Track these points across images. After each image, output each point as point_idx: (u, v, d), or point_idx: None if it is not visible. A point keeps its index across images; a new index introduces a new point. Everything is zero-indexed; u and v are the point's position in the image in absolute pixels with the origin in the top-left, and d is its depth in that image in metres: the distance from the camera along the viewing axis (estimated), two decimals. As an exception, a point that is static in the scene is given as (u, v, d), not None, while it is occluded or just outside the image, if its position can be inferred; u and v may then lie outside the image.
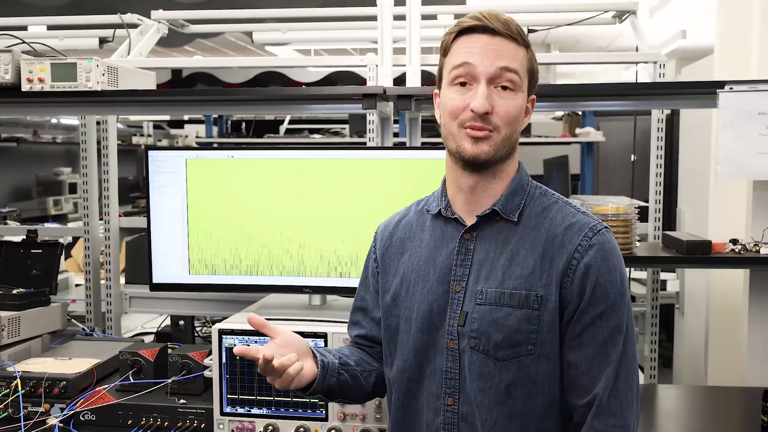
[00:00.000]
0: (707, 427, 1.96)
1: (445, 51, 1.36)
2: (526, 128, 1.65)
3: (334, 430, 1.85)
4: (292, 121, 7.68)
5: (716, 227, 3.15)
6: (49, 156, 8.35)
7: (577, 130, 5.89)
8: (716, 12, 3.24)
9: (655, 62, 2.58)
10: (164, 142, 9.13)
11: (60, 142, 8.38)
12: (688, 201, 3.89)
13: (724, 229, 2.90)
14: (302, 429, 1.86)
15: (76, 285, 3.51)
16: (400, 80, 2.42)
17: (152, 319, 3.03)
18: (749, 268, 2.24)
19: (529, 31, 2.87)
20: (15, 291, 2.22)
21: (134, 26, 3.01)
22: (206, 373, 2.00)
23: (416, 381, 1.39)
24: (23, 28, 3.19)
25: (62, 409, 1.93)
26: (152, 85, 2.50)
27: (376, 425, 1.83)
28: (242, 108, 3.34)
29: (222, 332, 1.89)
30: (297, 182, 2.03)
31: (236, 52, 7.54)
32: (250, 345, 1.86)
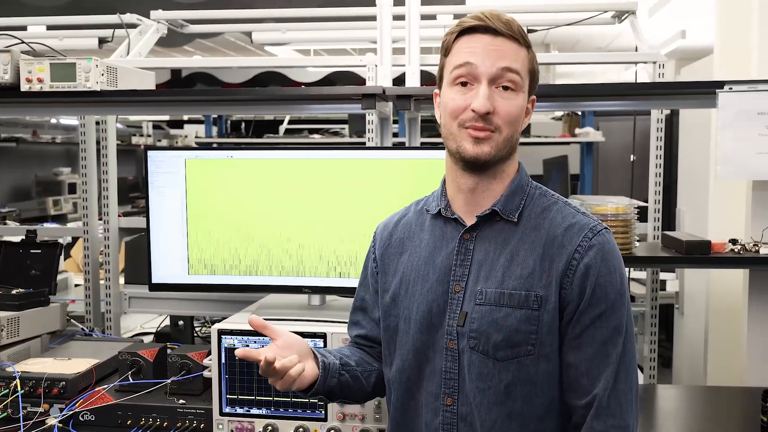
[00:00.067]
0: (707, 427, 1.95)
1: (446, 51, 1.35)
2: (526, 128, 1.65)
3: (333, 430, 1.85)
4: (291, 121, 7.67)
5: (716, 227, 3.15)
6: (48, 156, 8.35)
7: (577, 130, 5.88)
8: (716, 12, 3.24)
9: (654, 62, 2.59)
10: (164, 142, 9.12)
11: (59, 142, 8.38)
12: (687, 201, 3.89)
13: (724, 229, 2.90)
14: (301, 429, 1.86)
15: (76, 285, 3.51)
16: (399, 80, 2.42)
17: (151, 319, 3.03)
18: (749, 268, 2.24)
19: (529, 31, 2.87)
20: (14, 291, 2.22)
21: (133, 26, 3.01)
22: (205, 374, 2.00)
23: (415, 381, 1.39)
24: (22, 28, 3.19)
25: (61, 410, 1.93)
26: (151, 85, 2.49)
27: (375, 425, 1.83)
28: (242, 108, 3.34)
29: (221, 332, 1.89)
30: (296, 182, 2.02)
31: (236, 52, 7.54)
32: (250, 345, 1.87)
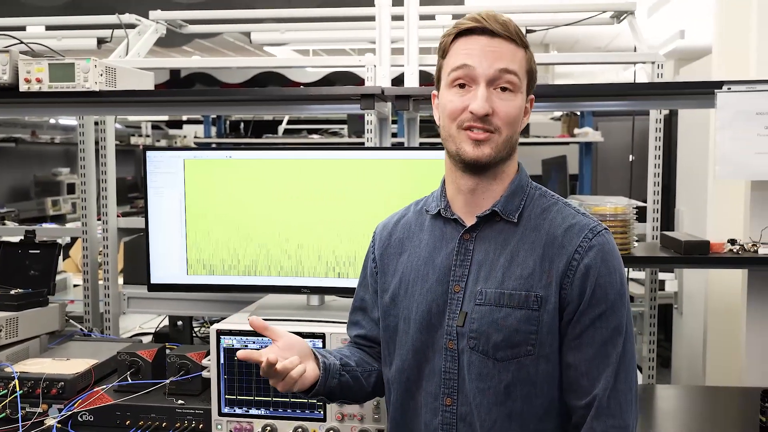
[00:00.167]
0: (705, 427, 1.96)
1: (444, 52, 1.35)
2: (525, 128, 1.65)
3: (332, 431, 1.85)
4: (290, 121, 7.67)
5: (714, 227, 3.15)
6: (47, 156, 8.35)
7: (576, 131, 5.88)
8: (714, 12, 3.25)
9: (653, 62, 2.59)
10: (162, 143, 9.13)
11: (58, 143, 8.37)
12: (686, 201, 3.89)
13: (723, 229, 2.90)
14: (300, 429, 1.86)
15: (75, 285, 3.51)
16: (398, 80, 2.42)
17: (150, 319, 3.03)
18: (747, 268, 2.24)
19: (528, 31, 2.87)
20: (13, 291, 2.21)
21: (132, 26, 3.00)
22: (204, 374, 2.00)
23: (415, 381, 1.39)
24: (21, 29, 3.19)
25: (60, 410, 1.92)
26: (150, 86, 2.49)
27: (374, 425, 1.83)
28: (241, 108, 3.33)
29: (220, 333, 1.89)
30: (295, 182, 2.02)
31: (235, 53, 7.53)
32: (249, 346, 1.87)
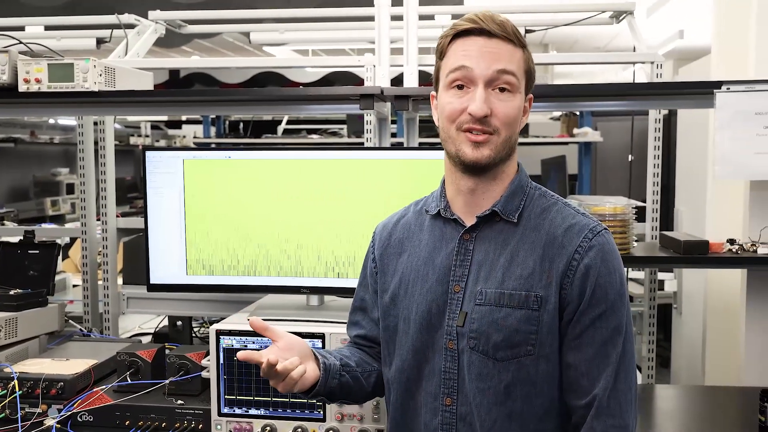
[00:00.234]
0: (705, 427, 1.96)
1: (441, 54, 1.35)
2: (524, 128, 1.65)
3: (331, 431, 1.85)
4: (289, 121, 7.67)
5: (713, 227, 3.15)
6: (46, 156, 8.35)
7: (575, 131, 5.88)
8: (713, 12, 3.25)
9: (652, 62, 2.59)
10: (162, 143, 9.13)
11: (57, 143, 8.37)
12: (685, 201, 3.89)
13: (722, 229, 2.90)
14: (300, 429, 1.86)
15: (74, 286, 3.50)
16: (397, 80, 2.42)
17: (150, 319, 3.03)
18: (746, 267, 2.24)
19: (527, 31, 2.87)
20: (12, 292, 2.21)
21: (131, 27, 3.00)
22: (204, 374, 2.00)
23: (415, 381, 1.39)
24: (20, 29, 3.18)
25: (60, 410, 1.93)
26: (150, 86, 2.49)
27: (374, 425, 1.83)
28: (240, 108, 3.33)
29: (220, 333, 1.89)
30: (295, 183, 2.02)
31: (234, 53, 7.53)
32: (248, 346, 1.87)
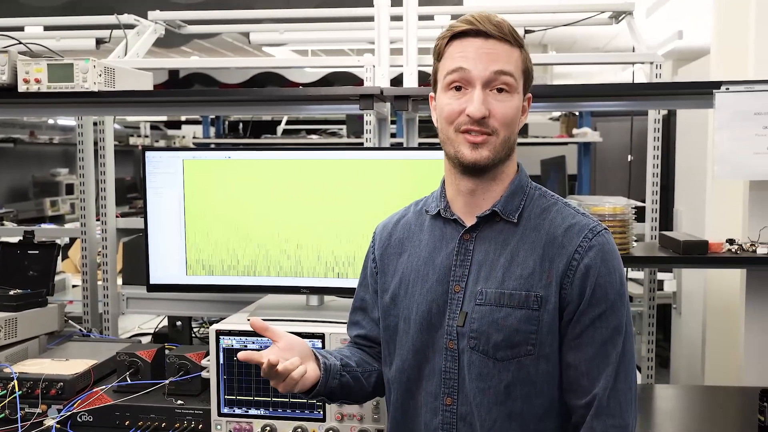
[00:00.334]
0: (704, 427, 1.96)
1: (439, 55, 1.35)
2: (523, 129, 1.65)
3: (331, 431, 1.85)
4: (289, 121, 7.67)
5: (713, 227, 3.15)
6: (45, 157, 8.35)
7: (574, 131, 5.88)
8: (713, 12, 3.25)
9: (651, 63, 2.59)
10: (161, 143, 9.12)
11: (57, 143, 8.37)
12: (684, 201, 3.89)
13: (721, 229, 2.90)
14: (300, 429, 1.86)
15: (73, 286, 3.50)
16: (397, 81, 2.42)
17: (149, 320, 3.03)
18: (746, 267, 2.24)
19: (527, 31, 2.87)
20: (12, 292, 2.21)
21: (131, 27, 3.00)
22: (204, 374, 2.00)
23: (415, 381, 1.39)
24: (20, 29, 3.18)
25: (59, 410, 1.93)
26: (149, 86, 2.49)
27: (374, 425, 1.83)
28: (239, 108, 3.33)
29: (220, 333, 1.89)
30: (294, 183, 2.02)
31: (233, 53, 7.53)
32: (248, 346, 1.87)
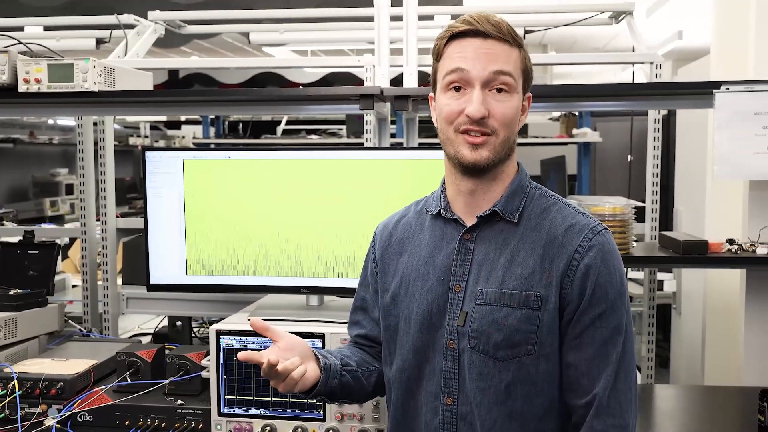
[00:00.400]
0: (704, 427, 1.96)
1: (438, 56, 1.35)
2: (523, 129, 1.65)
3: (331, 431, 1.85)
4: (288, 122, 7.67)
5: (713, 227, 3.15)
6: (45, 157, 8.34)
7: (574, 131, 5.88)
8: (713, 12, 3.25)
9: (651, 63, 2.59)
10: (161, 143, 9.11)
11: (56, 143, 8.37)
12: (684, 201, 3.90)
13: (721, 229, 2.90)
14: (300, 429, 1.86)
15: (73, 286, 3.50)
16: (397, 81, 2.42)
17: (149, 320, 3.03)
18: (746, 267, 2.24)
19: (527, 31, 2.87)
20: (12, 292, 2.21)
21: (131, 27, 3.00)
22: (204, 374, 2.00)
23: (415, 380, 1.39)
24: (20, 29, 3.18)
25: (59, 410, 1.93)
26: (149, 86, 2.49)
27: (374, 425, 1.83)
28: (239, 108, 3.34)
29: (220, 333, 1.89)
30: (295, 183, 2.02)
31: (233, 53, 7.53)
32: (248, 346, 1.87)
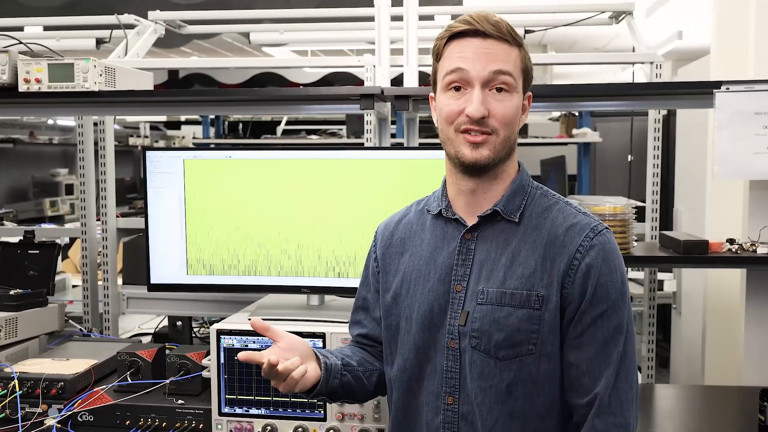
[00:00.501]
0: (704, 427, 1.96)
1: (438, 56, 1.35)
2: (523, 129, 1.65)
3: (332, 430, 1.85)
4: (288, 122, 7.67)
5: (713, 227, 3.15)
6: (45, 157, 8.34)
7: (574, 131, 5.88)
8: (713, 12, 3.25)
9: (651, 63, 2.59)
10: (161, 143, 9.11)
11: (56, 143, 8.36)
12: (684, 201, 3.90)
13: (721, 229, 2.90)
14: (300, 429, 1.86)
15: (74, 286, 3.51)
16: (397, 81, 2.42)
17: (149, 320, 3.03)
18: (746, 267, 2.24)
19: (527, 31, 2.87)
20: (12, 292, 2.21)
21: (131, 27, 3.00)
22: (204, 374, 2.00)
23: (416, 380, 1.39)
24: (19, 29, 3.18)
25: (60, 410, 1.93)
26: (150, 86, 2.49)
27: (375, 425, 1.83)
28: (239, 108, 3.33)
29: (220, 332, 1.89)
30: (295, 183, 2.03)
31: (233, 53, 7.53)
32: (249, 346, 1.87)
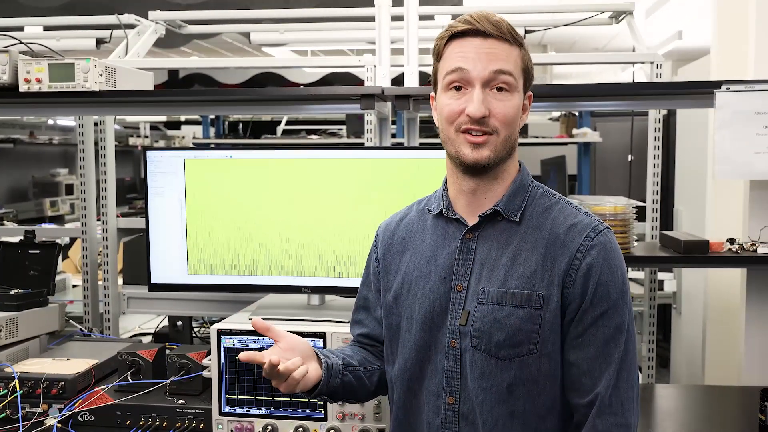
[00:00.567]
0: (705, 427, 1.96)
1: (438, 56, 1.35)
2: (523, 129, 1.65)
3: (333, 430, 1.85)
4: (288, 122, 7.68)
5: (713, 227, 3.16)
6: (45, 157, 8.34)
7: (574, 131, 5.88)
8: (713, 12, 3.25)
9: (651, 63, 2.59)
10: (161, 143, 9.11)
11: (56, 143, 8.37)
12: (685, 201, 3.90)
13: (721, 229, 2.91)
14: (301, 429, 1.86)
15: (74, 286, 3.51)
16: (397, 81, 2.42)
17: (150, 320, 3.03)
18: (746, 267, 2.24)
19: (527, 31, 2.87)
20: (13, 292, 2.21)
21: (131, 27, 3.01)
22: (205, 374, 2.00)
23: (417, 379, 1.39)
24: (20, 29, 3.19)
25: (60, 410, 1.93)
26: (150, 86, 2.49)
27: (375, 425, 1.83)
28: (239, 108, 3.33)
29: (221, 332, 1.89)
30: (296, 182, 2.03)
31: (233, 53, 7.53)
32: (249, 346, 1.87)
